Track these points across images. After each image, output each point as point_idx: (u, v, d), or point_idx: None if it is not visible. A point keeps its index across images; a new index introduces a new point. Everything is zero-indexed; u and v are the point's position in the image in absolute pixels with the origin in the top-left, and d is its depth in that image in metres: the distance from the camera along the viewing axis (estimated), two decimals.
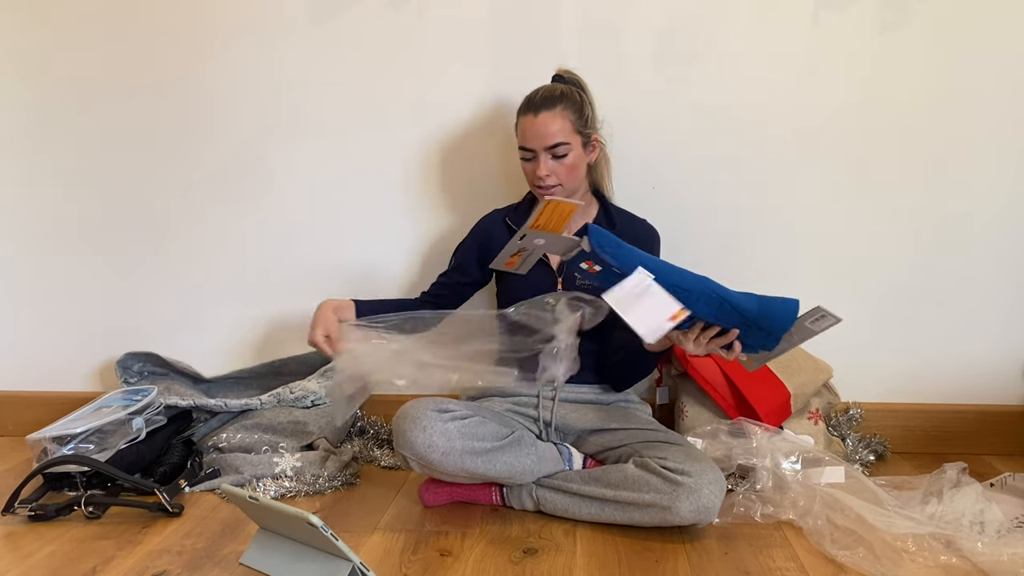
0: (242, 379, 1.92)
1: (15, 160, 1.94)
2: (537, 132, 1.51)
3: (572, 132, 1.52)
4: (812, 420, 1.67)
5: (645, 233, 1.63)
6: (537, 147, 1.52)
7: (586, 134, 1.54)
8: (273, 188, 1.88)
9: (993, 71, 1.68)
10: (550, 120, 1.50)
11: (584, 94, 1.56)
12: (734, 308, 1.26)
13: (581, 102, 1.54)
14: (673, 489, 1.30)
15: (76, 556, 1.32)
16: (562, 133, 1.50)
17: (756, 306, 1.26)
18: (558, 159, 1.52)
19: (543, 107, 1.51)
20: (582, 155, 1.55)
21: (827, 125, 1.73)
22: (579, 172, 1.56)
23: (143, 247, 1.94)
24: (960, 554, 1.23)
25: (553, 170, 1.52)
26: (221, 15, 1.82)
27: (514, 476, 1.41)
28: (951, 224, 1.74)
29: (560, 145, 1.51)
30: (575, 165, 1.54)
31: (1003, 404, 1.79)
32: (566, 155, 1.52)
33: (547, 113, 1.50)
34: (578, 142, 1.53)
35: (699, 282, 1.26)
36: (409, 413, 1.37)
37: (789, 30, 1.70)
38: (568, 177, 1.54)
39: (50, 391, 2.01)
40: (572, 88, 1.55)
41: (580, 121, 1.53)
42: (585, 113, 1.54)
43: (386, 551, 1.32)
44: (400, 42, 1.79)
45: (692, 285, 1.26)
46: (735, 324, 1.28)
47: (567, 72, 1.61)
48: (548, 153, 1.52)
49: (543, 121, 1.50)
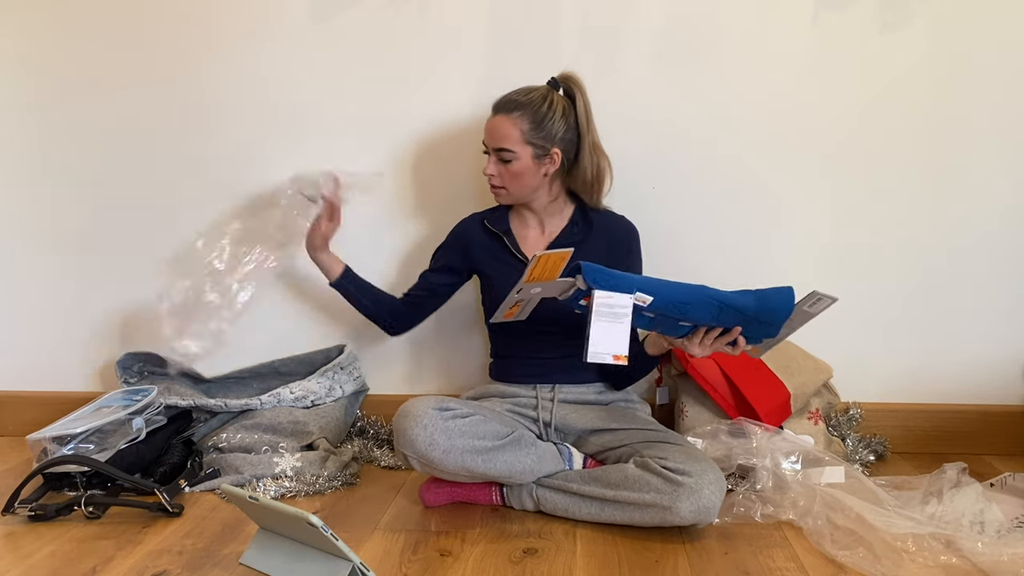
0: (242, 379, 1.92)
1: (15, 160, 1.94)
2: (490, 132, 1.54)
3: (521, 142, 1.50)
4: (812, 420, 1.67)
5: (622, 231, 1.63)
6: (489, 145, 1.55)
7: (541, 146, 1.51)
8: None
9: (993, 71, 1.68)
10: (501, 124, 1.51)
11: (555, 106, 1.51)
12: (734, 309, 1.28)
13: (545, 113, 1.50)
14: (673, 489, 1.30)
15: (76, 556, 1.32)
16: (508, 140, 1.50)
17: (754, 302, 1.28)
18: (504, 163, 1.53)
19: (501, 110, 1.52)
20: (532, 166, 1.53)
21: (827, 125, 1.73)
22: (525, 181, 1.54)
23: (143, 247, 1.94)
24: (960, 554, 1.23)
25: (498, 172, 1.54)
26: (222, 15, 1.82)
27: (514, 475, 1.41)
28: (951, 224, 1.74)
29: (504, 151, 1.51)
30: (520, 174, 1.53)
31: (1003, 404, 1.79)
32: (511, 161, 1.52)
33: (502, 116, 1.51)
34: (528, 153, 1.51)
35: (697, 292, 1.29)
36: (410, 411, 1.37)
37: (789, 30, 1.70)
38: (513, 183, 1.54)
39: (50, 391, 2.01)
40: (545, 98, 1.52)
41: (536, 132, 1.50)
42: (546, 126, 1.50)
43: (386, 551, 1.32)
44: (400, 42, 1.79)
45: (690, 296, 1.28)
46: (737, 323, 1.31)
47: (565, 79, 1.57)
48: (496, 155, 1.53)
49: (496, 123, 1.52)
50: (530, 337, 1.58)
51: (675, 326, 1.33)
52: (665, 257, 1.80)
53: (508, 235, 1.61)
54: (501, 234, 1.61)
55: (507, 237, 1.61)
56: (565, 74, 1.57)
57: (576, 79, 1.57)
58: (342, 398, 1.85)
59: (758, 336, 1.33)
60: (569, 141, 1.54)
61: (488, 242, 1.64)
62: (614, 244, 1.60)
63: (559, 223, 1.62)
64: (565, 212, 1.63)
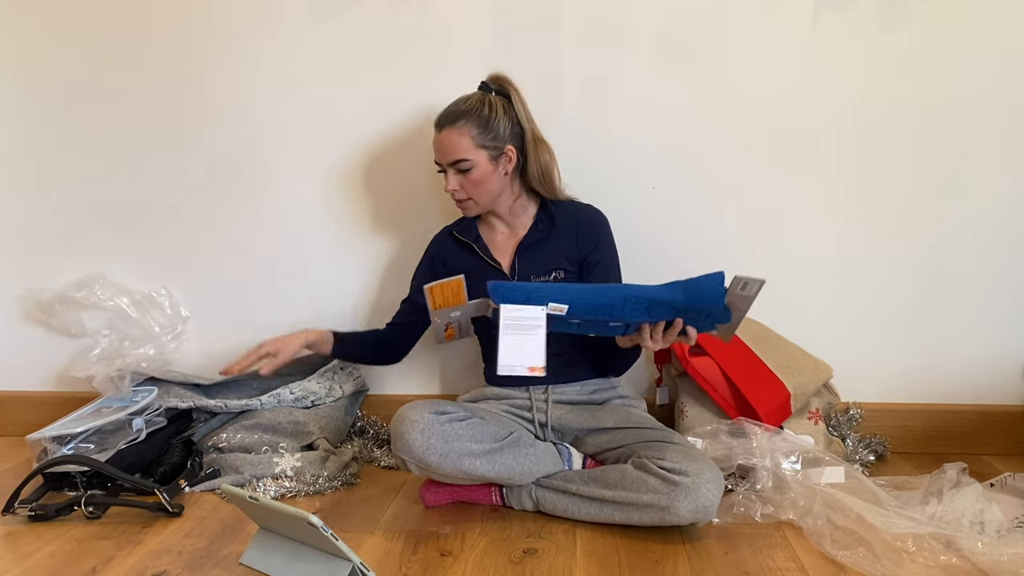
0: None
1: (15, 160, 1.94)
2: (439, 148, 1.53)
3: (474, 148, 1.50)
4: (812, 420, 1.67)
5: (588, 220, 1.61)
6: (443, 162, 1.54)
7: (494, 147, 1.52)
8: (273, 187, 1.88)
9: (993, 71, 1.68)
10: (448, 137, 1.51)
11: (496, 106, 1.53)
12: (663, 304, 1.28)
13: (488, 115, 1.51)
14: (671, 489, 1.30)
15: (76, 556, 1.32)
16: (461, 149, 1.50)
17: (683, 294, 1.27)
18: (463, 173, 1.52)
19: (445, 123, 1.52)
20: (490, 169, 1.53)
21: (827, 125, 1.73)
22: (489, 186, 1.54)
23: (143, 247, 1.94)
24: (960, 554, 1.23)
25: (460, 184, 1.54)
26: (222, 14, 1.82)
27: (513, 477, 1.41)
28: (951, 224, 1.75)
29: (461, 161, 1.51)
30: (482, 180, 1.53)
31: (1003, 404, 1.79)
32: (469, 170, 1.51)
33: (448, 129, 1.51)
34: (483, 156, 1.51)
35: (617, 292, 1.29)
36: (407, 416, 1.36)
37: (789, 30, 1.70)
38: (477, 192, 1.54)
39: (50, 391, 2.01)
40: (483, 101, 1.53)
41: (485, 135, 1.51)
42: (492, 126, 1.51)
43: (386, 551, 1.32)
44: (400, 41, 1.79)
45: (610, 299, 1.29)
46: (672, 316, 1.30)
47: (495, 80, 1.58)
48: (453, 168, 1.53)
49: (443, 138, 1.52)
50: None
51: (607, 327, 1.35)
52: (665, 257, 1.81)
53: (478, 242, 1.62)
54: (471, 243, 1.61)
55: (477, 244, 1.61)
56: (493, 75, 1.58)
57: (506, 77, 1.57)
58: (342, 398, 1.85)
59: (706, 324, 1.32)
60: (517, 136, 1.55)
61: (460, 252, 1.64)
62: (582, 236, 1.59)
63: (525, 222, 1.62)
64: (530, 210, 1.63)
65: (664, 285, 1.28)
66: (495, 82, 1.58)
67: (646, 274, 1.78)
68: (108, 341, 1.87)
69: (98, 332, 1.89)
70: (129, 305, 1.88)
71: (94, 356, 1.84)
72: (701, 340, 1.67)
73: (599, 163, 1.78)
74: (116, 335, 1.87)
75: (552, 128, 1.76)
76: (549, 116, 1.76)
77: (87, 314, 1.91)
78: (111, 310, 1.88)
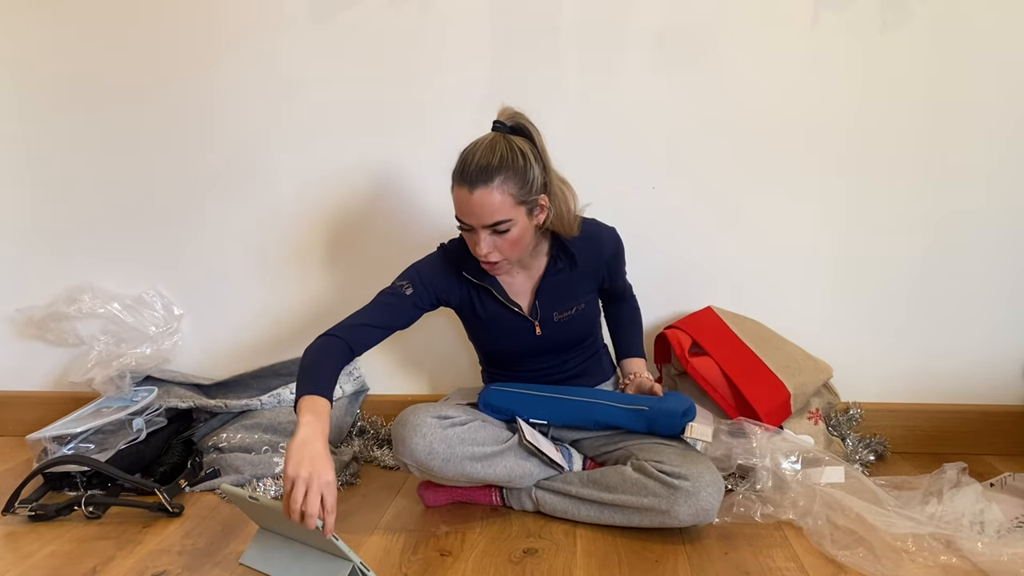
0: (241, 380, 1.92)
1: (16, 161, 1.94)
2: (472, 210, 1.31)
3: (514, 205, 1.31)
4: (812, 420, 1.67)
5: (607, 250, 1.50)
6: (476, 224, 1.33)
7: (532, 200, 1.34)
8: (274, 188, 1.88)
9: (993, 71, 1.68)
10: (487, 196, 1.29)
11: (527, 153, 1.33)
12: (625, 430, 1.48)
13: (524, 166, 1.31)
14: (671, 493, 1.30)
15: (76, 556, 1.32)
16: (502, 210, 1.30)
17: (645, 427, 1.44)
18: (500, 234, 1.33)
19: (479, 182, 1.29)
20: (527, 224, 1.35)
21: (827, 125, 1.73)
22: (524, 242, 1.37)
23: (143, 248, 1.94)
24: (960, 554, 1.23)
25: (495, 246, 1.35)
26: (222, 14, 1.82)
27: (514, 479, 1.41)
28: (951, 224, 1.74)
29: (500, 223, 1.31)
30: (519, 238, 1.35)
31: (1003, 404, 1.79)
32: (508, 230, 1.33)
33: (483, 189, 1.29)
34: (522, 213, 1.33)
35: (588, 416, 1.47)
36: (409, 420, 1.36)
37: (789, 30, 1.70)
38: (512, 250, 1.37)
39: (50, 391, 2.01)
40: (513, 149, 1.32)
41: (523, 190, 1.31)
42: (529, 178, 1.32)
43: (386, 551, 1.32)
44: (401, 41, 1.79)
45: (583, 421, 1.48)
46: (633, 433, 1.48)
47: (511, 118, 1.37)
48: (488, 230, 1.33)
49: (479, 200, 1.29)
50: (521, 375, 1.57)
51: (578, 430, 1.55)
52: (665, 257, 1.81)
53: (495, 285, 1.47)
54: (488, 287, 1.46)
55: (495, 288, 1.46)
56: (509, 112, 1.38)
57: (523, 115, 1.38)
58: (342, 398, 1.85)
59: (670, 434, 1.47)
60: (545, 183, 1.37)
61: (471, 291, 1.48)
62: (602, 267, 1.51)
63: (542, 261, 1.48)
64: (542, 248, 1.48)
65: (630, 412, 1.44)
66: (511, 120, 1.37)
67: (646, 273, 1.78)
68: (104, 344, 1.87)
69: (94, 338, 1.89)
70: (121, 310, 1.89)
71: (91, 360, 1.84)
72: (701, 340, 1.67)
73: (599, 163, 1.78)
74: (112, 339, 1.88)
75: (552, 128, 1.76)
76: (549, 116, 1.76)
77: (81, 324, 1.92)
78: (104, 316, 1.89)
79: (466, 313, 1.51)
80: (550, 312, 1.48)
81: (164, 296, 1.95)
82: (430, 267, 1.47)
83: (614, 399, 1.47)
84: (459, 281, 1.48)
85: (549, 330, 1.49)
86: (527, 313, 1.48)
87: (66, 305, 1.89)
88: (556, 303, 1.48)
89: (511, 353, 1.53)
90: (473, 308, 1.49)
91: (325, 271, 1.91)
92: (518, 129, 1.37)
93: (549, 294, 1.48)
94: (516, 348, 1.51)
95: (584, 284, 1.50)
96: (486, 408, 1.49)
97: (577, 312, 1.50)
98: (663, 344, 1.77)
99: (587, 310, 1.52)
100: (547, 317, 1.48)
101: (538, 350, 1.51)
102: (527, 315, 1.48)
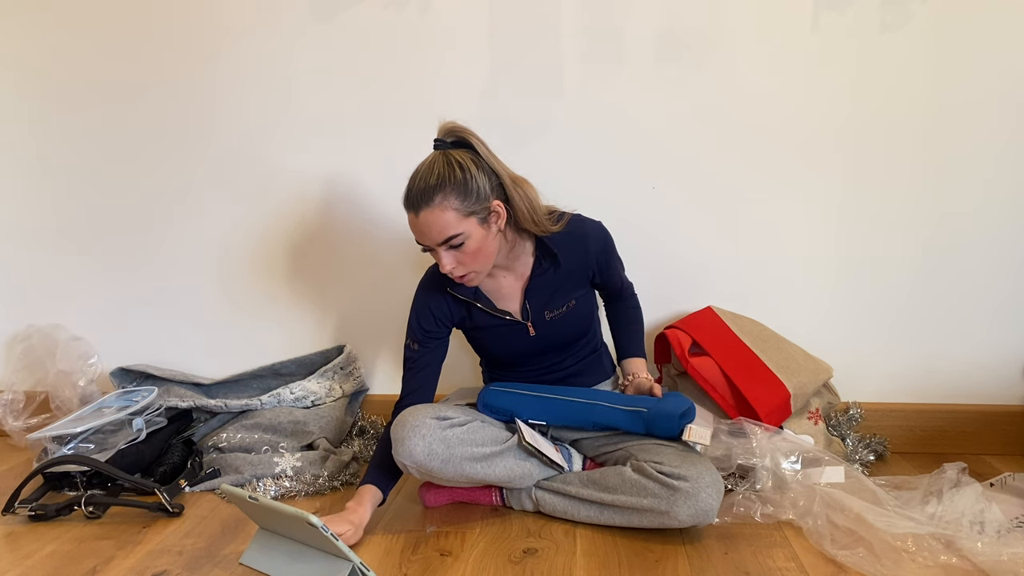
0: (241, 380, 1.92)
1: (16, 161, 1.94)
2: (423, 231, 1.34)
3: (461, 219, 1.33)
4: (812, 420, 1.67)
5: (591, 244, 1.49)
6: (430, 244, 1.36)
7: (481, 209, 1.35)
8: (274, 188, 1.88)
9: (993, 71, 1.68)
10: (431, 216, 1.32)
11: (466, 165, 1.34)
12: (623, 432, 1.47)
13: (464, 178, 1.33)
14: (670, 494, 1.30)
15: (76, 556, 1.32)
16: (451, 226, 1.32)
17: (643, 428, 1.44)
18: (456, 249, 1.36)
19: (422, 204, 1.32)
20: (483, 233, 1.36)
21: (827, 125, 1.73)
22: (487, 251, 1.38)
23: (142, 248, 1.94)
24: (960, 554, 1.23)
25: (456, 260, 1.37)
26: (223, 15, 1.82)
27: (513, 480, 1.41)
28: (951, 224, 1.74)
29: (452, 238, 1.33)
30: (479, 248, 1.36)
31: (1003, 404, 1.79)
32: (463, 244, 1.35)
33: (427, 211, 1.32)
34: (473, 224, 1.34)
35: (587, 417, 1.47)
36: (408, 421, 1.36)
37: (789, 31, 1.70)
38: (476, 262, 1.38)
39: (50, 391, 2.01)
40: (451, 164, 1.33)
41: (468, 201, 1.33)
42: (472, 188, 1.33)
43: (386, 551, 1.32)
44: (401, 41, 1.79)
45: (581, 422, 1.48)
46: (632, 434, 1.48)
47: (450, 132, 1.39)
48: (443, 247, 1.36)
49: (425, 220, 1.32)
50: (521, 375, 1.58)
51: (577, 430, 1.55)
52: (665, 257, 1.81)
53: (480, 297, 1.48)
54: (472, 301, 1.48)
55: (480, 301, 1.48)
56: (447, 127, 1.40)
57: (461, 126, 1.39)
58: (342, 398, 1.85)
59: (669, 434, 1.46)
60: (497, 187, 1.38)
61: (462, 307, 1.50)
62: (589, 262, 1.50)
63: (527, 261, 1.48)
64: (528, 248, 1.48)
65: (628, 413, 1.44)
66: (450, 135, 1.39)
67: (646, 273, 1.78)
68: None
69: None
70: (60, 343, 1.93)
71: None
72: (701, 340, 1.67)
73: (599, 163, 1.78)
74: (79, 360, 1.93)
75: (552, 128, 1.77)
76: (549, 116, 1.76)
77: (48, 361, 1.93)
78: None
79: (463, 326, 1.54)
80: (541, 312, 1.49)
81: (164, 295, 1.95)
82: (422, 306, 1.50)
83: (613, 400, 1.47)
84: (448, 299, 1.50)
85: (543, 330, 1.50)
86: (518, 315, 1.50)
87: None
88: (546, 302, 1.49)
89: (509, 356, 1.54)
90: (466, 321, 1.52)
91: (326, 271, 1.91)
92: (459, 142, 1.39)
93: (538, 294, 1.49)
94: (513, 351, 1.52)
95: (573, 281, 1.50)
96: (485, 409, 1.49)
97: (569, 309, 1.50)
98: (663, 344, 1.77)
99: (579, 306, 1.52)
100: (539, 317, 1.49)
101: (535, 350, 1.52)
102: (519, 318, 1.49)
